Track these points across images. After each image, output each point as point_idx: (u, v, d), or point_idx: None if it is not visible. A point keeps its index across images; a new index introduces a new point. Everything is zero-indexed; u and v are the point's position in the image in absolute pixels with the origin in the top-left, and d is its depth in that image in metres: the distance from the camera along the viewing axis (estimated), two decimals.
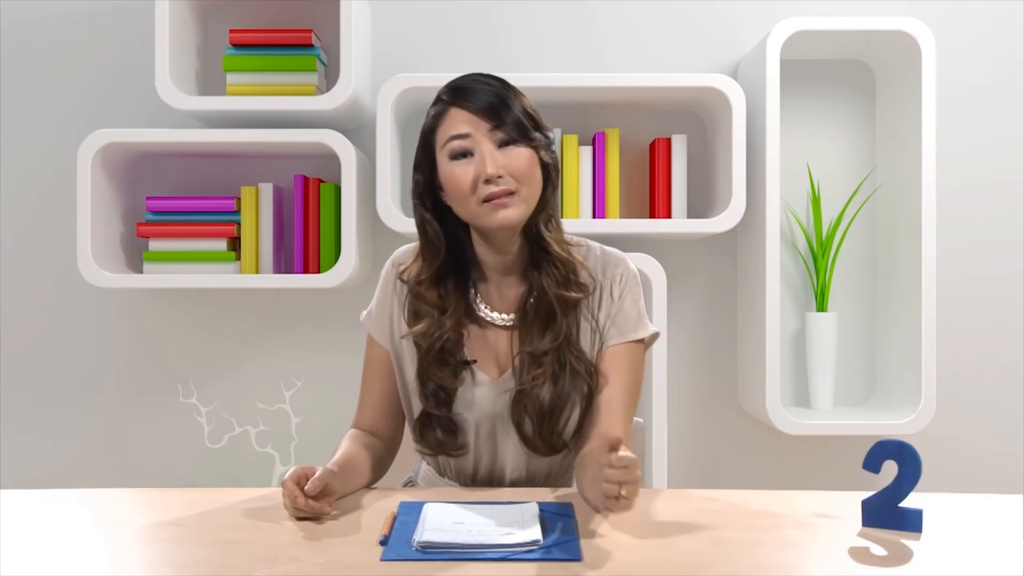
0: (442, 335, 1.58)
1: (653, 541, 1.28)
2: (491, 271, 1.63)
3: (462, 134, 1.53)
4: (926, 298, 2.46)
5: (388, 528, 1.31)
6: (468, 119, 1.53)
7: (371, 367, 1.70)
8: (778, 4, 2.70)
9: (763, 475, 2.72)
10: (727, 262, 2.74)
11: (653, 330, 1.64)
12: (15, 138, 2.73)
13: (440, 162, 1.56)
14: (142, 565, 1.22)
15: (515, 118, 1.53)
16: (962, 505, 1.51)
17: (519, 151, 1.53)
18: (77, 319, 2.73)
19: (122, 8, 2.71)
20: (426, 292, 1.60)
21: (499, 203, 1.51)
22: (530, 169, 1.54)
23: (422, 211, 1.60)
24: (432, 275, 1.60)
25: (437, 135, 1.56)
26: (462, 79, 1.58)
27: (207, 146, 2.56)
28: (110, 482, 2.66)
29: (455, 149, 1.53)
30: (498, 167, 1.51)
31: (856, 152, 2.73)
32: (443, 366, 1.59)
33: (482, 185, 1.51)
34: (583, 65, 2.72)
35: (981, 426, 2.72)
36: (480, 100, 1.53)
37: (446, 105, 1.56)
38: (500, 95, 1.54)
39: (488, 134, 1.53)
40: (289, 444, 2.65)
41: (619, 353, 1.60)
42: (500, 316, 1.62)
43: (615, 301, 1.62)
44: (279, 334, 2.73)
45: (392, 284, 1.67)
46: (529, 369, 1.57)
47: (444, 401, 1.60)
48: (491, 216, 1.52)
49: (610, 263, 1.64)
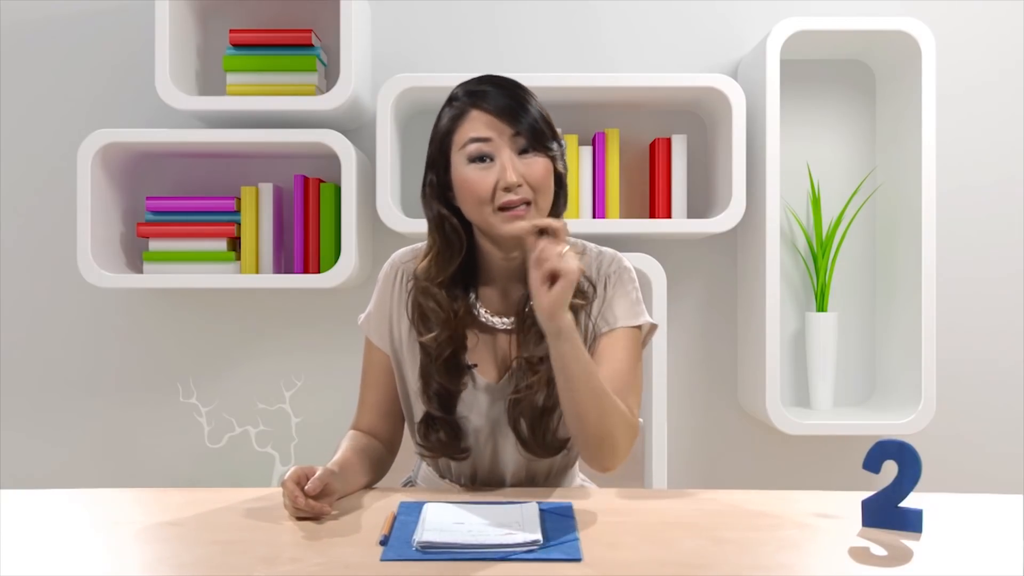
0: (452, 342, 1.58)
1: (653, 541, 1.28)
2: (494, 275, 1.62)
3: (484, 137, 1.51)
4: (926, 298, 2.46)
5: (388, 528, 1.31)
6: (490, 122, 1.51)
7: (370, 370, 1.69)
8: (778, 4, 2.70)
9: (763, 475, 2.72)
10: (727, 262, 2.74)
11: (648, 320, 1.63)
12: (15, 138, 2.73)
13: (456, 163, 1.54)
14: (142, 565, 1.22)
15: (534, 125, 1.52)
16: (962, 505, 1.51)
17: (537, 160, 1.52)
18: (77, 319, 2.73)
19: (122, 8, 2.71)
20: (438, 295, 1.58)
21: (514, 214, 1.50)
22: (546, 179, 1.53)
23: (440, 208, 1.58)
24: (448, 277, 1.58)
25: (456, 136, 1.54)
26: (480, 80, 1.56)
27: (207, 146, 2.56)
28: (110, 482, 2.66)
29: (475, 152, 1.51)
30: (518, 175, 1.50)
31: (856, 152, 2.73)
32: (447, 369, 1.59)
33: (500, 192, 1.50)
34: (583, 65, 2.72)
35: (981, 426, 2.72)
36: (501, 103, 1.52)
37: (466, 106, 1.54)
38: (519, 99, 1.53)
39: (509, 140, 1.51)
40: (289, 444, 2.65)
41: (611, 339, 1.59)
42: (500, 320, 1.62)
43: (607, 295, 1.62)
44: (279, 334, 2.73)
45: (391, 286, 1.67)
46: (525, 375, 1.57)
47: (447, 403, 1.60)
48: (505, 225, 1.51)
49: (604, 261, 1.64)
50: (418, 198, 2.04)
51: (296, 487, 1.38)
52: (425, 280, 1.60)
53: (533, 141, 1.52)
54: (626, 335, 1.60)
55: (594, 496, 1.53)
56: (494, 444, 1.62)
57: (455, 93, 1.57)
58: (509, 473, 1.63)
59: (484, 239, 1.59)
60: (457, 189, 1.55)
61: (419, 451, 1.65)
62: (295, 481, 1.39)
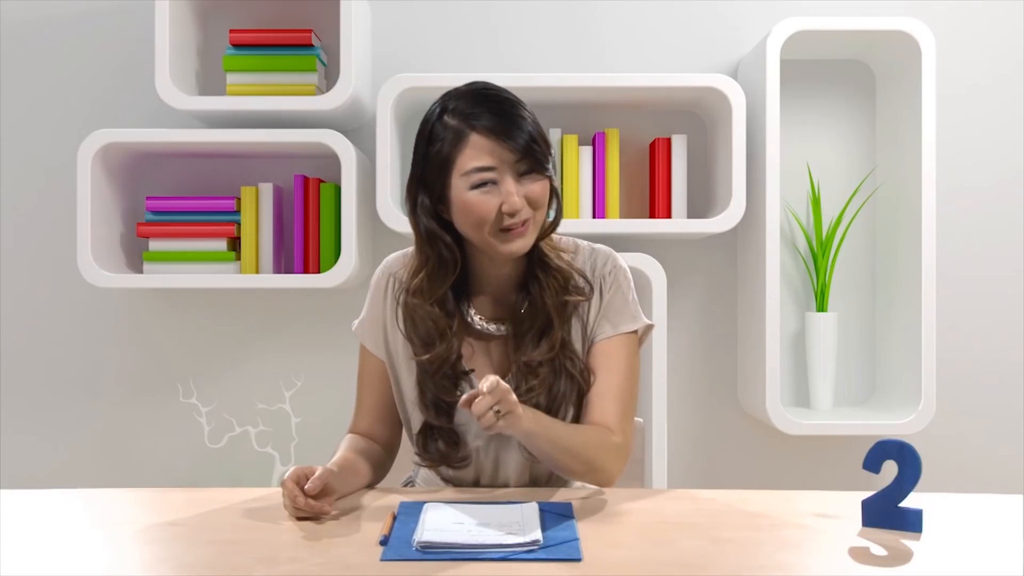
0: (449, 357, 1.58)
1: (653, 541, 1.28)
2: (486, 283, 1.62)
3: (487, 167, 1.50)
4: (926, 298, 2.46)
5: (388, 528, 1.30)
6: (492, 149, 1.50)
7: (365, 375, 1.69)
8: (778, 4, 2.70)
9: (763, 475, 2.72)
10: (727, 262, 2.74)
11: (645, 322, 1.64)
12: (15, 138, 2.73)
13: (456, 187, 1.52)
14: (142, 565, 1.22)
15: (532, 147, 1.51)
16: (962, 505, 1.51)
17: (536, 181, 1.53)
18: (77, 319, 2.73)
19: (122, 8, 2.71)
20: (433, 312, 1.58)
21: (516, 233, 1.52)
22: (544, 197, 1.54)
23: (434, 228, 1.56)
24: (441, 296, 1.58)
25: (458, 162, 1.52)
26: (474, 98, 1.53)
27: (207, 146, 2.56)
28: (110, 482, 2.66)
29: (478, 181, 1.50)
30: (522, 201, 1.51)
31: (856, 152, 2.73)
32: (443, 379, 1.59)
33: (503, 216, 1.50)
34: (583, 65, 2.72)
35: (981, 426, 2.72)
36: (499, 125, 1.50)
37: (464, 129, 1.51)
38: (513, 117, 1.51)
39: (512, 166, 1.51)
40: (289, 444, 2.65)
41: (610, 346, 1.60)
42: (495, 327, 1.61)
43: (604, 296, 1.62)
44: (279, 334, 2.73)
45: (383, 295, 1.66)
46: (525, 379, 1.57)
47: (445, 411, 1.60)
48: (507, 245, 1.52)
49: (599, 260, 1.64)
50: None
51: (296, 487, 1.38)
52: (418, 298, 1.59)
53: (533, 163, 1.52)
54: (624, 342, 1.61)
55: (594, 496, 1.53)
56: (496, 450, 1.61)
57: (446, 109, 1.54)
58: (512, 478, 1.62)
59: (478, 253, 1.59)
60: (457, 211, 1.53)
61: (417, 462, 1.65)
62: (294, 481, 1.39)
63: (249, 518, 1.39)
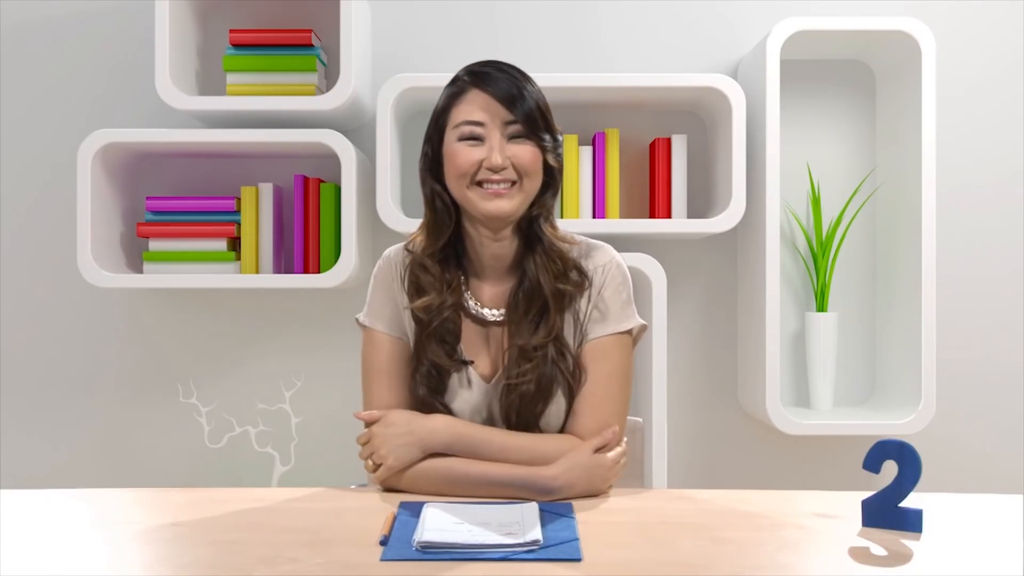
0: (443, 309, 1.59)
1: (653, 541, 1.28)
2: (482, 266, 1.63)
3: (477, 121, 1.55)
4: (926, 298, 2.46)
5: (388, 528, 1.30)
6: (485, 105, 1.55)
7: (375, 362, 1.64)
8: (778, 4, 2.70)
9: (763, 475, 2.72)
10: (727, 262, 2.74)
11: (639, 322, 1.63)
12: (15, 138, 2.73)
13: (447, 138, 1.58)
14: (142, 565, 1.22)
15: (529, 113, 1.55)
16: (962, 505, 1.51)
17: (526, 146, 1.56)
18: (77, 319, 2.73)
19: (122, 8, 2.71)
20: (431, 265, 1.61)
21: (496, 192, 1.54)
22: (533, 164, 1.56)
23: (432, 183, 1.61)
24: (438, 249, 1.61)
25: (452, 114, 1.58)
26: (484, 64, 1.60)
27: (207, 146, 2.56)
28: (110, 482, 2.66)
29: (466, 133, 1.56)
30: (504, 158, 1.54)
31: (856, 152, 2.73)
32: (439, 343, 1.59)
33: (483, 170, 1.54)
34: (583, 65, 2.72)
35: (981, 426, 2.72)
36: (500, 88, 1.55)
37: (466, 85, 1.58)
38: (519, 86, 1.56)
39: (501, 126, 1.55)
40: (289, 444, 2.65)
41: (602, 345, 1.60)
42: (491, 312, 1.62)
43: (598, 292, 1.61)
44: (279, 334, 2.73)
45: (392, 275, 1.66)
46: (518, 363, 1.57)
47: (436, 387, 1.59)
48: (484, 203, 1.55)
49: (594, 255, 1.64)
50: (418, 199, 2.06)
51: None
52: (420, 253, 1.63)
53: (526, 129, 1.56)
54: (617, 342, 1.61)
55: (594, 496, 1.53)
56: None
57: (459, 73, 1.61)
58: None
59: (469, 223, 1.61)
60: (446, 164, 1.58)
61: None
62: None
63: (249, 518, 1.39)
